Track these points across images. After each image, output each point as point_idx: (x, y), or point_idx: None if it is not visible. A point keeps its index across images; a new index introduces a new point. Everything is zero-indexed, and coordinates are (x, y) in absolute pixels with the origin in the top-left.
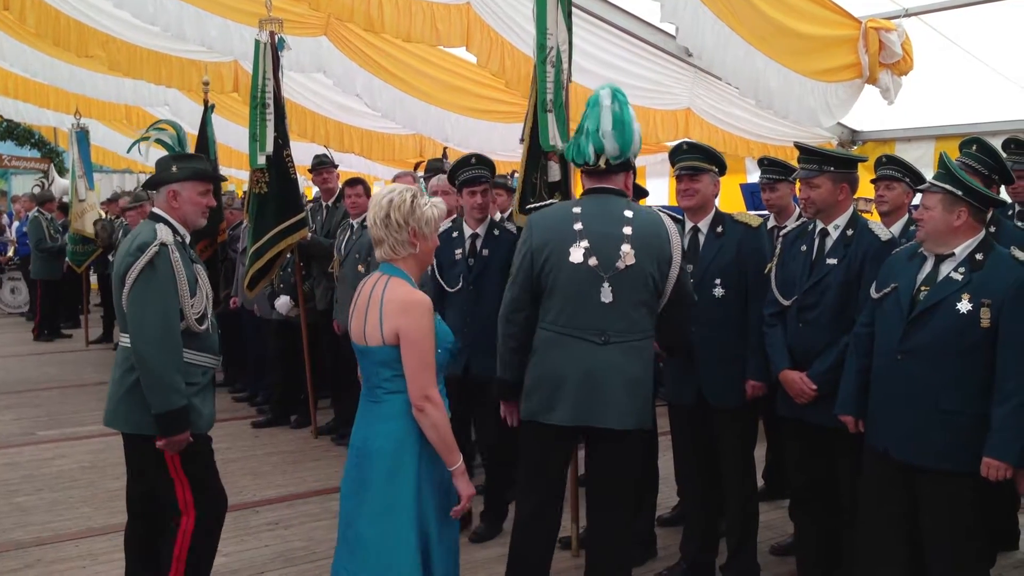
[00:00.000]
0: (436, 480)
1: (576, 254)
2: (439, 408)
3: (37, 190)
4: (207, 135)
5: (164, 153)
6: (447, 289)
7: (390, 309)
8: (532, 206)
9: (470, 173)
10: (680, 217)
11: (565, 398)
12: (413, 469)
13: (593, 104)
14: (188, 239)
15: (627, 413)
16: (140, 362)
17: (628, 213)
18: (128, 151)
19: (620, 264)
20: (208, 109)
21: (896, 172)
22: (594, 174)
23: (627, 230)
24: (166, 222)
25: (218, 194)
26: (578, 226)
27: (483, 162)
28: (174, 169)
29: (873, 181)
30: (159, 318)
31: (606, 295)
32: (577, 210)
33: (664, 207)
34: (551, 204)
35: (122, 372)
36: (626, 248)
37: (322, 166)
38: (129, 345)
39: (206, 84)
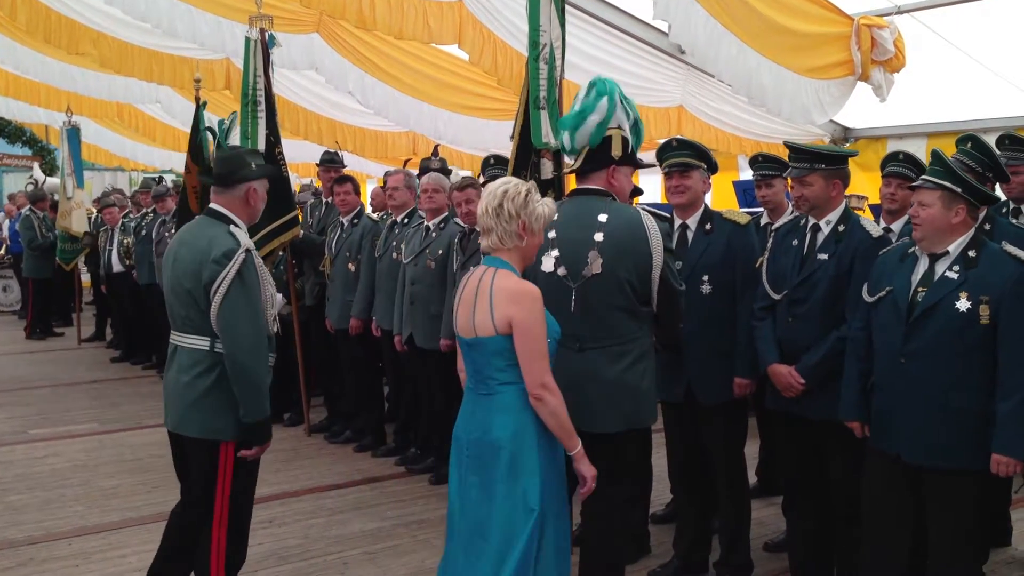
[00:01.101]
0: (554, 469)
1: (547, 263)
2: (556, 395)
3: (31, 188)
4: (199, 132)
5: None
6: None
7: (501, 298)
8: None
9: (488, 173)
10: (668, 215)
11: None
12: (535, 458)
13: (576, 100)
14: None
15: (606, 417)
16: (240, 372)
17: (602, 217)
18: (206, 144)
19: (587, 272)
20: (200, 107)
21: (911, 171)
22: (576, 174)
23: (598, 236)
24: (234, 223)
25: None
26: (552, 234)
27: (501, 161)
28: (254, 166)
29: (885, 176)
30: (252, 327)
31: (574, 305)
32: (556, 216)
33: (655, 205)
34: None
35: (193, 376)
36: (592, 255)
37: (331, 164)
38: (202, 348)
39: (198, 82)
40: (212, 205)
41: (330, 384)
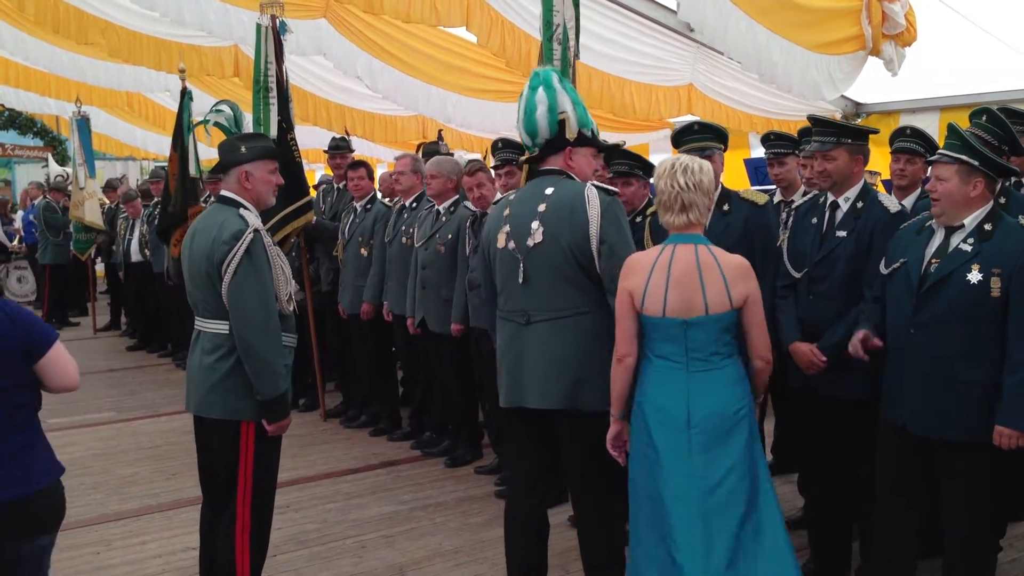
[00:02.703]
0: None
1: (501, 239)
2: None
3: (59, 179)
4: (184, 121)
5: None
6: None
7: (735, 275)
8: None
9: (499, 156)
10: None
11: (503, 380)
12: (755, 426)
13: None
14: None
15: (548, 392)
16: (248, 349)
17: (548, 191)
18: (189, 132)
19: (530, 242)
20: (184, 95)
21: (919, 146)
22: (535, 160)
23: (541, 207)
24: (242, 206)
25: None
26: (506, 212)
27: (510, 145)
28: (243, 150)
29: (894, 152)
30: (261, 305)
31: (521, 276)
32: (513, 197)
33: None
34: (506, 197)
35: (214, 360)
36: (535, 225)
37: (338, 151)
38: (222, 332)
39: (182, 71)
40: (221, 192)
41: (345, 369)
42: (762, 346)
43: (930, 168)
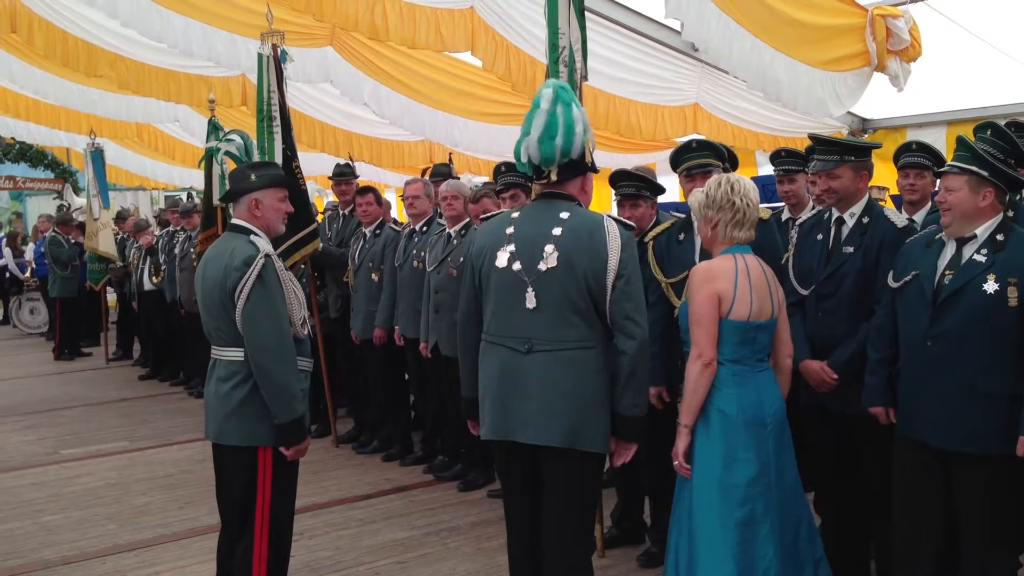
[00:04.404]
0: None
1: (502, 258)
2: None
3: (64, 210)
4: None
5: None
6: None
7: (775, 282)
8: (486, 216)
9: (502, 181)
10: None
11: (490, 410)
12: None
13: (534, 105)
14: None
15: (547, 428)
16: (263, 374)
17: (564, 215)
18: (199, 164)
19: (542, 266)
20: (210, 125)
21: (927, 160)
22: (541, 180)
23: (556, 231)
24: (253, 233)
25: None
26: (510, 230)
27: (513, 168)
28: (253, 178)
29: (902, 168)
30: (275, 329)
31: (530, 300)
32: (515, 215)
33: (674, 205)
34: (499, 214)
35: (230, 387)
36: (549, 248)
37: (342, 177)
38: (238, 359)
39: (212, 102)
40: (232, 220)
41: (356, 395)
42: (788, 350)
43: (939, 180)
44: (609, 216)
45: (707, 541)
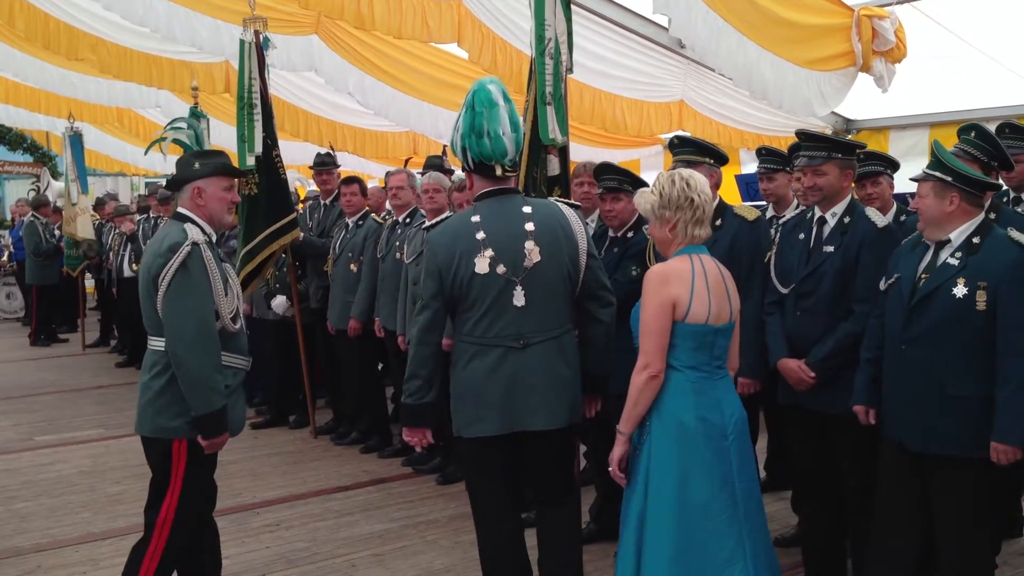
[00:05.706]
0: None
1: (481, 264)
2: None
3: (33, 194)
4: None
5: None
6: None
7: (732, 285)
8: (429, 224)
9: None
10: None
11: (490, 407)
12: None
13: (488, 103)
14: (215, 237)
15: (557, 412)
16: (179, 365)
17: (527, 209)
18: (146, 153)
19: (527, 263)
20: (192, 115)
21: (880, 166)
22: (491, 177)
23: (529, 226)
24: (192, 221)
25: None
26: (480, 235)
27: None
28: (196, 166)
29: (858, 179)
30: (196, 319)
31: (519, 299)
32: (476, 219)
33: None
34: (446, 218)
35: (150, 376)
36: (530, 245)
37: (323, 167)
38: (160, 348)
39: (195, 89)
40: (176, 209)
41: (335, 386)
42: (736, 358)
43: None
44: (558, 201)
45: (656, 562)
